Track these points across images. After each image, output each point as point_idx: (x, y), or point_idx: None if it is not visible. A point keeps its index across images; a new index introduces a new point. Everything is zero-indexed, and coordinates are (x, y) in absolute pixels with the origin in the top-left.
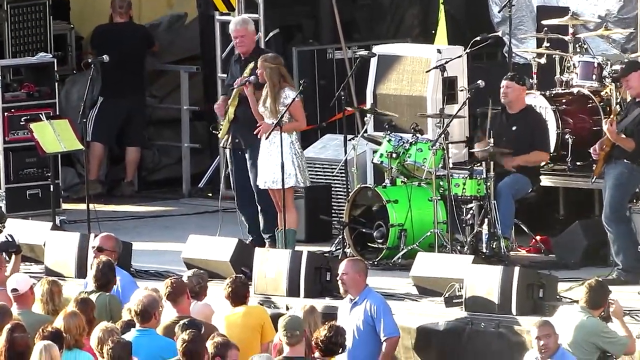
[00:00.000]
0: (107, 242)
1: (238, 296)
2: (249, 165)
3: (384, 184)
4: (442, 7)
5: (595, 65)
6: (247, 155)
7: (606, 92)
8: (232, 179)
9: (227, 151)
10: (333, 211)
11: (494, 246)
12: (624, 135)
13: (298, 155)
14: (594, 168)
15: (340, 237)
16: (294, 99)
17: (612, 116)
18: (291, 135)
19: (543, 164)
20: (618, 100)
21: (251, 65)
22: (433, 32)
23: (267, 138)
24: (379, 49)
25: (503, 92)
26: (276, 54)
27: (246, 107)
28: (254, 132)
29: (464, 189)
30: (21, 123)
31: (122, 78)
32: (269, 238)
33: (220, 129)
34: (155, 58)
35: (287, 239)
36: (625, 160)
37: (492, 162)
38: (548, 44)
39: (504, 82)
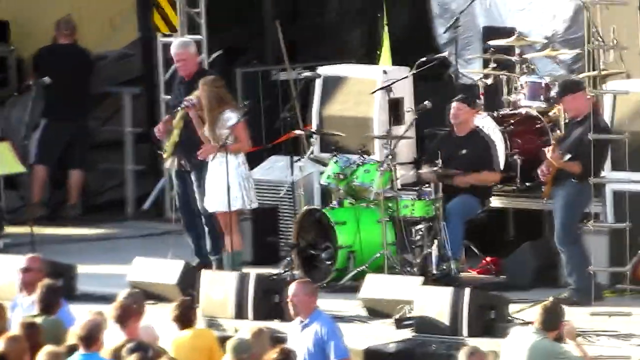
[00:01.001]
0: (33, 263)
1: (185, 319)
2: (195, 187)
3: (331, 205)
4: (385, 27)
5: (543, 85)
6: (192, 177)
7: (554, 112)
8: (177, 200)
9: (173, 173)
10: (280, 233)
11: (444, 267)
12: (568, 155)
13: (244, 177)
14: (542, 189)
15: (289, 259)
16: (238, 121)
17: (553, 142)
18: (238, 157)
19: (492, 184)
20: (566, 120)
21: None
22: (377, 52)
23: (212, 160)
24: (324, 70)
25: (453, 114)
26: (216, 76)
27: (191, 129)
28: (200, 162)
29: (412, 210)
30: None
31: (64, 100)
32: (216, 260)
33: (165, 151)
34: (99, 80)
35: (234, 260)
36: (572, 180)
37: (440, 184)
38: (495, 65)
39: (454, 104)
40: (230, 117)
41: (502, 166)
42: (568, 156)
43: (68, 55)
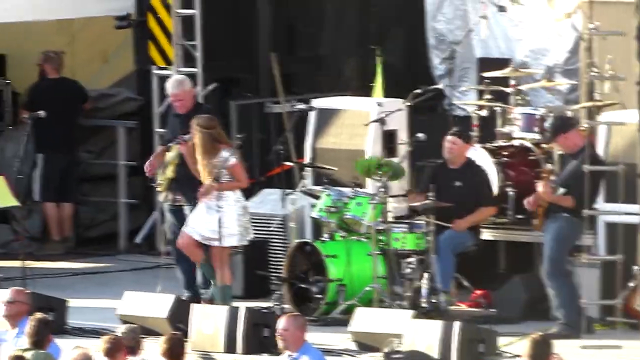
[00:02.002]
0: (18, 295)
1: (174, 353)
2: None
3: (322, 238)
4: (379, 60)
5: (537, 117)
6: (188, 212)
7: (548, 145)
8: (169, 234)
9: (165, 207)
10: (271, 266)
11: (434, 300)
12: (562, 190)
13: (242, 214)
14: (534, 223)
15: (279, 292)
16: (234, 162)
17: (544, 177)
18: (236, 192)
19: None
20: (560, 152)
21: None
22: (371, 84)
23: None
24: (318, 103)
25: (448, 148)
26: (211, 115)
27: (187, 165)
28: (196, 196)
29: (403, 243)
30: None
31: (56, 133)
32: (205, 293)
33: (160, 184)
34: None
35: (225, 294)
36: (564, 214)
37: (431, 216)
38: (490, 96)
39: (449, 138)
40: (226, 156)
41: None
42: (562, 190)
43: (58, 88)
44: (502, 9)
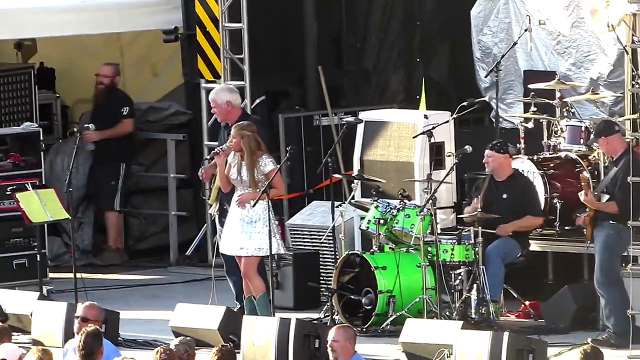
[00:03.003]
0: (90, 312)
1: None
2: None
3: (371, 250)
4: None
5: (583, 129)
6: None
7: (594, 156)
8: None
9: (216, 218)
10: (321, 278)
11: (482, 311)
12: (606, 196)
13: (274, 221)
14: (584, 232)
15: (329, 303)
16: (277, 168)
17: (584, 185)
18: (267, 201)
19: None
20: (606, 164)
21: None
22: (417, 97)
23: (252, 206)
24: (366, 115)
25: (485, 162)
26: (249, 122)
27: None
28: (236, 204)
29: (452, 254)
30: (7, 193)
31: (102, 145)
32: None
33: (210, 196)
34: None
35: (267, 303)
36: (611, 222)
37: (480, 227)
38: (535, 109)
39: (486, 152)
40: (266, 163)
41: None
42: (606, 197)
43: (115, 100)
44: (541, 22)
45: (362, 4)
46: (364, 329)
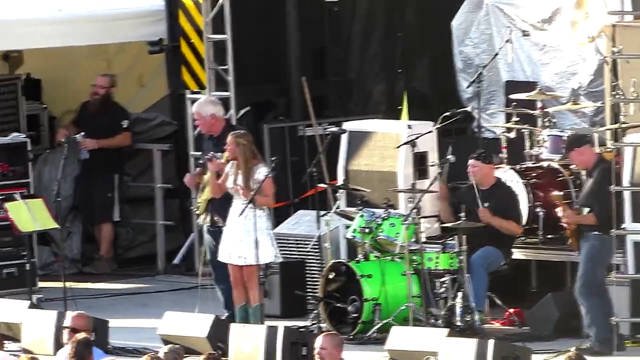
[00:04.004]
0: (78, 322)
1: None
2: None
3: (357, 258)
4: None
5: (564, 138)
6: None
7: (575, 165)
8: (208, 255)
9: (204, 228)
10: (307, 286)
11: (467, 319)
12: (586, 209)
13: (270, 230)
14: (569, 243)
15: (316, 312)
16: (267, 176)
17: (558, 203)
18: (264, 211)
19: (516, 237)
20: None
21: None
22: (399, 107)
23: (240, 216)
24: (350, 125)
25: (469, 171)
26: (246, 131)
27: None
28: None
29: (437, 262)
30: None
31: (96, 155)
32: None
33: (198, 206)
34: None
35: (262, 313)
36: (594, 233)
37: (464, 236)
38: (517, 119)
39: (470, 161)
40: (262, 171)
41: (525, 219)
42: (586, 209)
43: (114, 111)
44: (525, 33)
45: (345, 15)
46: (351, 337)
